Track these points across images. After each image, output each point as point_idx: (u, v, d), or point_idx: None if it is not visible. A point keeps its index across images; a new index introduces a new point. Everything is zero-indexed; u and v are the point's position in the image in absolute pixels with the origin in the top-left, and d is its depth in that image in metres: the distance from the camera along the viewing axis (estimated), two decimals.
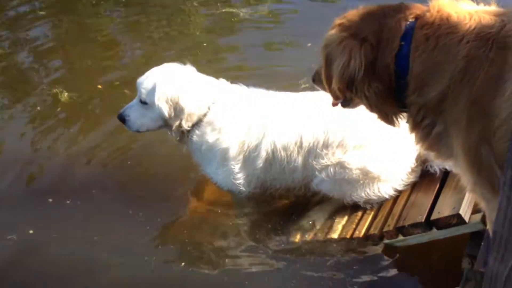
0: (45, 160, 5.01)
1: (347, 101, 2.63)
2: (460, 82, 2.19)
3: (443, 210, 3.35)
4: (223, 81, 4.16)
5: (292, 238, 3.89)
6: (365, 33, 2.37)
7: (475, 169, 2.24)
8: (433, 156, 2.58)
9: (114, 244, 4.02)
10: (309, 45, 6.22)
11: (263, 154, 3.91)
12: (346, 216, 3.90)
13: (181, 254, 3.98)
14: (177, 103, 3.88)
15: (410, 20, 2.35)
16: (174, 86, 3.90)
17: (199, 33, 7.26)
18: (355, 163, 3.74)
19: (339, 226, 3.84)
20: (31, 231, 4.17)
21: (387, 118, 2.54)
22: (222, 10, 7.65)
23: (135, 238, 4.07)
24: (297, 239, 3.87)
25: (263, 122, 3.91)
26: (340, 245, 3.73)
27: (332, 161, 3.77)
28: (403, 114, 2.52)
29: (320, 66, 2.64)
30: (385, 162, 3.75)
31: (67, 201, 4.43)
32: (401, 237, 3.55)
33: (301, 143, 3.83)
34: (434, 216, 3.38)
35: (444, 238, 3.40)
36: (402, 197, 3.80)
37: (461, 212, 3.22)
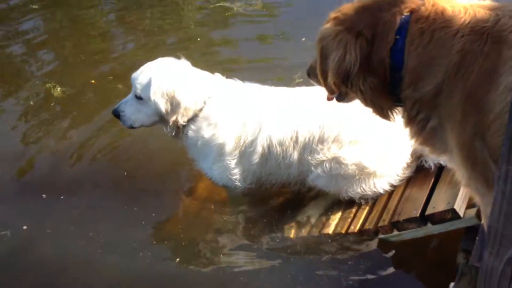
0: (38, 155, 5.00)
1: (342, 95, 2.62)
2: (454, 76, 2.18)
3: (438, 205, 3.36)
4: (218, 75, 4.14)
5: (287, 233, 3.89)
6: (360, 27, 2.36)
7: (470, 163, 2.24)
8: (427, 150, 2.58)
9: (109, 240, 4.01)
10: (303, 39, 6.20)
11: (259, 150, 3.90)
12: (341, 211, 3.90)
13: (176, 249, 3.97)
14: (173, 97, 3.86)
15: (405, 14, 2.34)
16: (170, 81, 3.88)
17: (193, 26, 7.26)
18: (351, 159, 3.74)
19: (334, 222, 3.85)
20: (25, 227, 4.16)
21: (382, 112, 2.53)
22: (216, 4, 7.63)
23: (130, 233, 4.06)
24: (292, 235, 3.87)
25: (259, 117, 3.90)
26: (335, 240, 3.73)
27: (327, 156, 3.76)
28: (398, 109, 2.51)
29: (315, 60, 2.63)
30: (381, 158, 3.75)
31: (61, 196, 4.42)
32: (396, 232, 3.56)
33: (296, 138, 3.82)
34: (429, 211, 3.38)
35: (439, 233, 3.41)
36: (396, 192, 3.80)
37: (455, 207, 3.23)
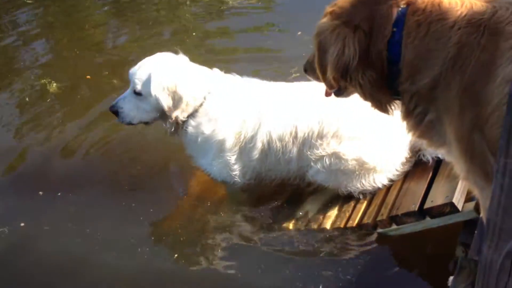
0: (34, 151, 5.00)
1: (341, 90, 2.60)
2: (451, 69, 2.17)
3: (436, 199, 3.35)
4: (217, 71, 4.13)
5: (285, 228, 3.88)
6: (357, 20, 2.34)
7: (468, 156, 2.23)
8: (425, 144, 2.57)
9: (107, 236, 4.01)
10: (299, 33, 6.19)
11: (259, 145, 3.89)
12: (340, 206, 3.90)
13: (174, 245, 3.96)
14: (174, 92, 3.83)
15: (401, 6, 2.31)
16: (170, 75, 3.85)
17: (188, 19, 7.25)
18: (351, 154, 3.73)
19: (333, 216, 3.84)
20: (22, 224, 4.15)
21: (381, 106, 2.51)
22: None
23: (128, 229, 4.06)
24: (290, 230, 3.86)
25: (259, 112, 3.89)
26: (333, 234, 3.73)
27: (327, 151, 3.75)
28: (397, 102, 2.50)
29: (312, 55, 2.61)
30: (380, 153, 3.74)
31: (58, 193, 4.41)
32: (394, 226, 3.55)
33: (296, 134, 3.81)
34: (427, 205, 3.38)
35: (437, 227, 3.40)
36: (395, 186, 3.79)
37: (454, 200, 3.22)
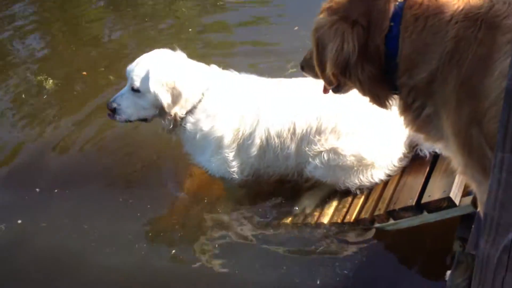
0: (29, 147, 4.99)
1: (340, 86, 2.59)
2: (448, 63, 2.16)
3: (434, 194, 3.35)
4: (215, 67, 4.12)
5: (282, 224, 3.88)
6: (355, 15, 2.33)
7: (466, 151, 2.22)
8: (422, 138, 2.56)
9: (104, 232, 4.01)
10: (296, 28, 6.18)
11: (257, 142, 3.88)
12: (337, 201, 3.89)
13: (172, 241, 3.96)
14: (173, 88, 3.82)
15: (399, 0, 2.31)
16: (168, 71, 3.84)
17: (184, 13, 7.24)
18: (349, 150, 3.72)
19: (330, 211, 3.84)
20: (20, 221, 4.14)
21: (380, 101, 2.50)
22: None
23: (125, 225, 4.06)
24: (287, 225, 3.86)
25: (257, 109, 3.88)
26: (331, 230, 3.73)
27: (325, 147, 3.75)
28: (395, 97, 2.49)
29: (309, 52, 2.60)
30: (378, 148, 3.73)
31: (55, 190, 4.41)
32: (392, 221, 3.55)
33: (294, 130, 3.81)
34: (425, 199, 3.38)
35: (435, 221, 3.40)
36: (392, 181, 3.79)
37: (451, 195, 3.23)
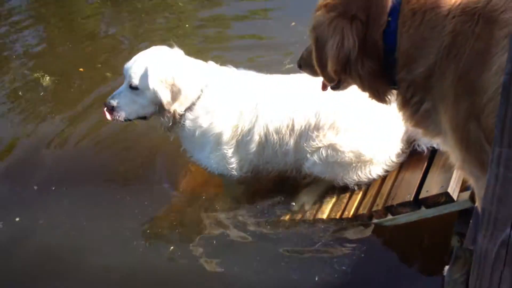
0: (25, 143, 4.98)
1: (339, 83, 2.59)
2: (446, 57, 2.16)
3: (432, 189, 3.36)
4: (212, 63, 4.11)
5: (281, 220, 3.88)
6: (353, 10, 2.32)
7: (464, 146, 2.22)
8: (421, 133, 2.57)
9: (102, 229, 4.00)
10: (293, 24, 6.17)
11: (256, 138, 3.88)
12: (335, 197, 3.89)
13: (170, 238, 3.96)
14: (173, 85, 3.81)
15: None
16: (167, 68, 3.82)
17: (181, 7, 7.25)
18: (348, 146, 3.72)
19: (328, 207, 3.84)
20: (18, 219, 4.14)
21: (379, 96, 2.50)
22: None
23: (124, 223, 4.05)
24: (285, 221, 3.86)
25: (256, 105, 3.87)
26: (329, 225, 3.73)
27: (324, 143, 3.75)
28: (394, 92, 2.49)
29: (307, 51, 2.59)
30: (377, 144, 3.73)
31: (52, 187, 4.40)
32: (390, 216, 3.55)
33: (293, 126, 3.81)
34: (423, 195, 3.38)
35: (433, 217, 3.41)
36: (390, 176, 3.79)
37: (449, 190, 3.23)
